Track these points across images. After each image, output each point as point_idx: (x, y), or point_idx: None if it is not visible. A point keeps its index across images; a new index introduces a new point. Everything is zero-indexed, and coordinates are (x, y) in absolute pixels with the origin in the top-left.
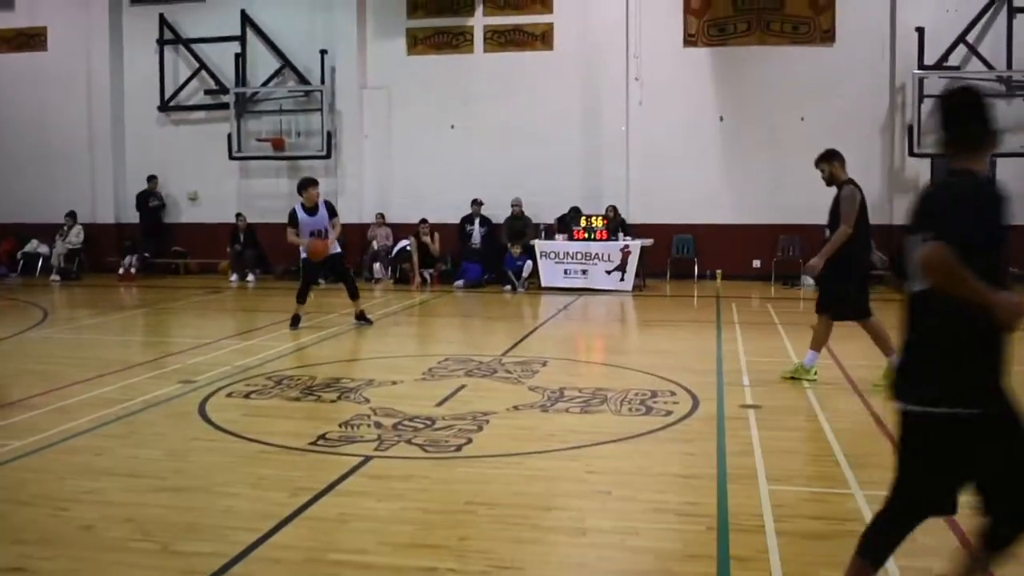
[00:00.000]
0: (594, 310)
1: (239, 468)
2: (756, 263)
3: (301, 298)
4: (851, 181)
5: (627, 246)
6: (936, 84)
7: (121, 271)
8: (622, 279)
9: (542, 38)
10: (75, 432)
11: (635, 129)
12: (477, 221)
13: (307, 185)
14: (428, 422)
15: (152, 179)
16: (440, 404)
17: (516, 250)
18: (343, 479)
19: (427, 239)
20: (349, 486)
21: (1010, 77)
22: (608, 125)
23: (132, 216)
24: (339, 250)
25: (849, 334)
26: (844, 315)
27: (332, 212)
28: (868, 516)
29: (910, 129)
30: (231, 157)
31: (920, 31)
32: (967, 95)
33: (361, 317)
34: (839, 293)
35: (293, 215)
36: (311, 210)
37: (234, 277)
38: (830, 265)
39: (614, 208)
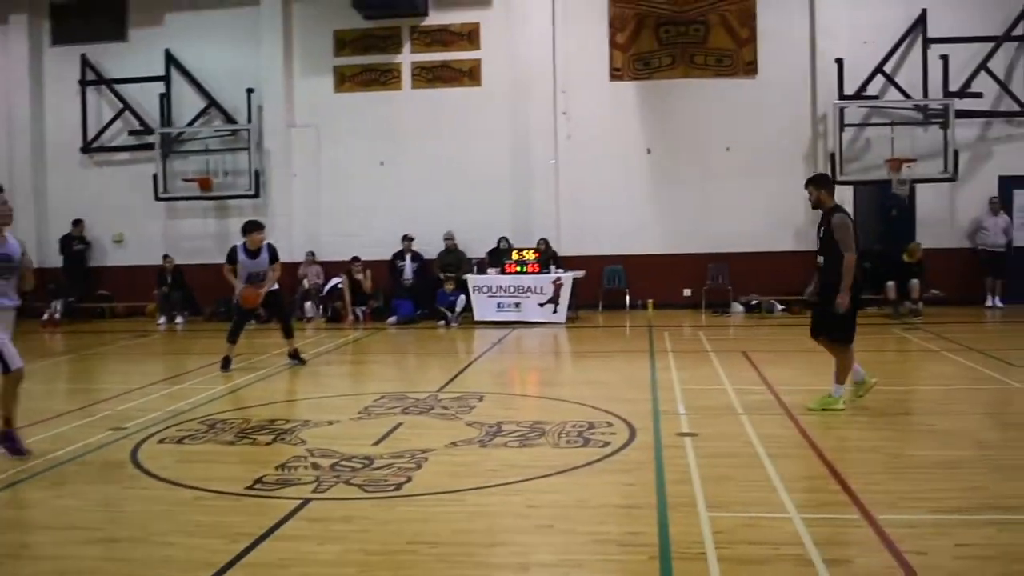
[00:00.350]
0: (528, 343)
1: (175, 516)
2: (686, 292)
3: (232, 338)
4: (839, 208)
5: (559, 278)
6: (856, 113)
7: (45, 317)
8: (555, 311)
9: (470, 74)
10: (3, 485)
11: (564, 162)
12: (408, 257)
13: (252, 229)
14: (366, 462)
15: (78, 223)
16: (377, 443)
17: (449, 286)
18: (282, 523)
19: (359, 276)
20: (288, 530)
21: (926, 105)
22: (537, 159)
23: (55, 260)
24: (276, 286)
25: (778, 360)
26: (832, 335)
27: (274, 257)
28: (806, 539)
29: (832, 157)
30: (157, 198)
31: (839, 62)
32: None
33: (294, 356)
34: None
35: (233, 253)
36: (253, 253)
37: (162, 320)
38: (828, 292)
39: (545, 241)
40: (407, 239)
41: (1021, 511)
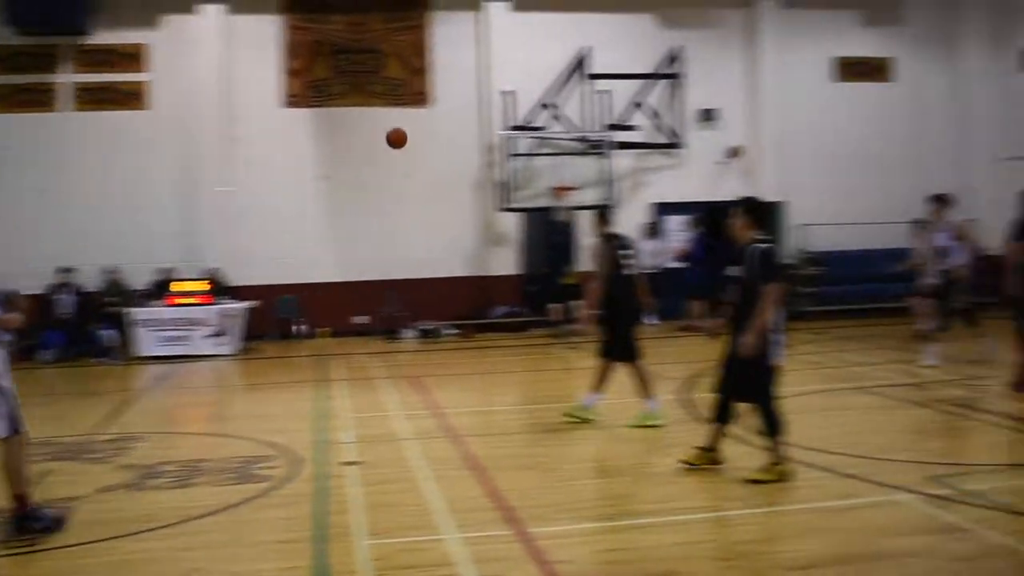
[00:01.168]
0: (196, 378)
1: None
2: (361, 319)
3: None
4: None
5: (228, 309)
6: (526, 143)
7: None
8: (224, 343)
9: (137, 97)
10: None
11: (237, 190)
12: (67, 290)
13: None
14: (4, 515)
15: None
16: None
17: (96, 325)
18: None
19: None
20: None
21: (585, 137)
22: (209, 186)
23: None
24: None
25: (446, 383)
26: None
27: None
28: (461, 558)
29: (502, 185)
30: None
31: (508, 95)
32: None
33: None
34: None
35: None
36: None
37: None
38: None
39: (216, 271)
40: (65, 271)
41: (660, 514)
